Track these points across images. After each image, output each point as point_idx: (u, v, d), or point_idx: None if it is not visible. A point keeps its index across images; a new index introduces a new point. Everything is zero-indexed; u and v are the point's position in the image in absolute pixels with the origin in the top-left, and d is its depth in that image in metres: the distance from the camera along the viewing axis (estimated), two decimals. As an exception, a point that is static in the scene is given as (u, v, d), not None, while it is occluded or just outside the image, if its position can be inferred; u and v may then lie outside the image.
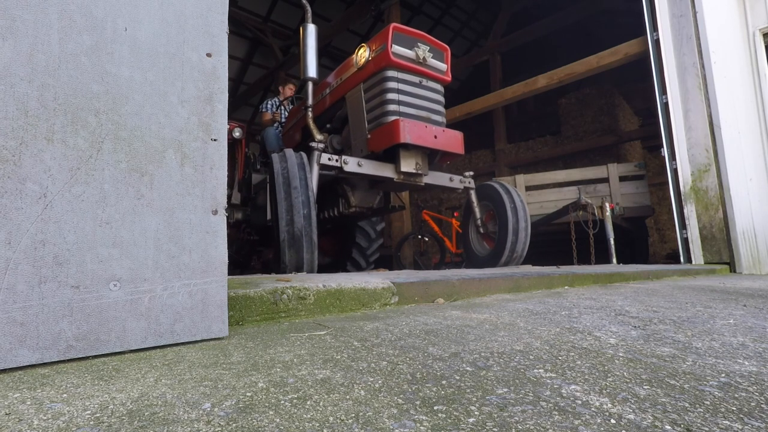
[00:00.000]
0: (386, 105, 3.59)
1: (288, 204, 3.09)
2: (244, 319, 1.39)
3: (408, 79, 3.70)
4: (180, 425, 0.62)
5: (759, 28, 5.58)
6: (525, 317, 1.48)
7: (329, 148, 4.00)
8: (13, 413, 0.67)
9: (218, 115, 1.27)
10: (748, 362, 0.94)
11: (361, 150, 3.82)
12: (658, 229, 9.11)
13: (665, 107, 5.04)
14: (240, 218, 5.13)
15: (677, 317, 1.49)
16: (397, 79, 3.63)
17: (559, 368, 0.89)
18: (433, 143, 3.64)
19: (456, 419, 0.64)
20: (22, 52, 0.98)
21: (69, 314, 0.98)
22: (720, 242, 4.68)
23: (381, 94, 3.63)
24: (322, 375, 0.85)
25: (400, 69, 3.64)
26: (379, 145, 3.62)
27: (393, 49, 3.54)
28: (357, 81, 3.88)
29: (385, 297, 1.77)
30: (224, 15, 1.32)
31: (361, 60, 3.82)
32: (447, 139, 3.76)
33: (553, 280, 2.51)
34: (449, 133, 3.80)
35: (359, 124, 3.85)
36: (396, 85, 3.62)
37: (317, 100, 4.43)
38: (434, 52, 3.84)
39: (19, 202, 0.95)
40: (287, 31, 11.83)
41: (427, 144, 3.60)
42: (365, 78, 3.79)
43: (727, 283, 2.94)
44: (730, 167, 4.73)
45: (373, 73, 3.70)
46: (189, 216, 1.18)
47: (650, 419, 0.64)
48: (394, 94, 3.61)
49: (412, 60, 3.68)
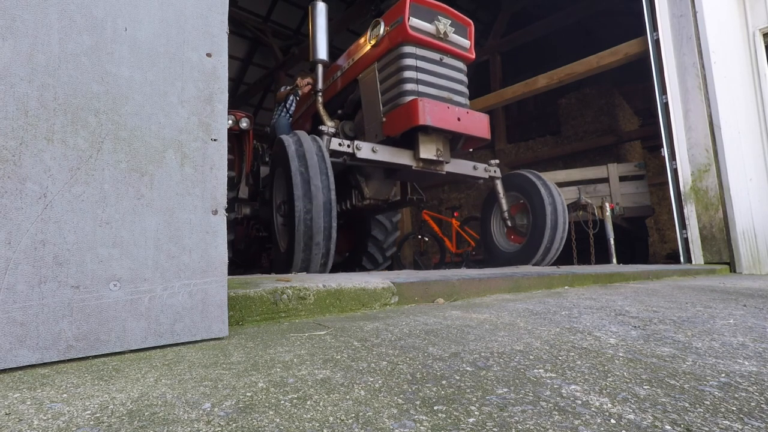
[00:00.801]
0: (403, 84, 3.22)
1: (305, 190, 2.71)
2: (244, 319, 1.39)
3: (427, 56, 3.32)
4: (180, 425, 0.62)
5: (759, 28, 5.58)
6: (525, 317, 1.48)
7: (341, 135, 3.64)
8: (13, 413, 0.67)
9: (218, 115, 1.27)
10: (748, 362, 0.94)
11: (375, 135, 3.44)
12: (658, 229, 9.11)
13: (665, 107, 5.04)
14: (248, 214, 4.72)
15: (677, 317, 1.49)
16: (415, 56, 3.26)
17: (559, 368, 0.89)
18: (456, 126, 3.25)
19: (456, 419, 0.64)
20: (22, 52, 0.98)
21: (69, 314, 0.98)
22: (720, 242, 4.68)
23: (397, 73, 3.28)
24: (322, 375, 0.85)
25: (418, 44, 3.27)
26: (395, 129, 3.26)
27: (410, 23, 3.18)
28: (371, 60, 3.54)
29: (385, 297, 1.77)
30: (224, 15, 1.32)
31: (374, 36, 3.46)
32: (471, 121, 3.35)
33: (553, 280, 2.50)
34: (474, 115, 3.39)
35: (373, 107, 3.50)
36: (414, 62, 3.25)
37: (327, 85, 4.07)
38: (456, 26, 3.44)
39: (19, 202, 0.95)
40: (287, 31, 11.83)
41: (450, 127, 3.22)
42: (380, 56, 3.44)
43: (727, 283, 2.94)
44: (730, 167, 4.73)
45: (389, 50, 3.35)
46: (189, 216, 1.18)
47: (650, 419, 0.64)
48: (412, 72, 3.24)
49: (432, 35, 3.31)
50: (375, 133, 3.46)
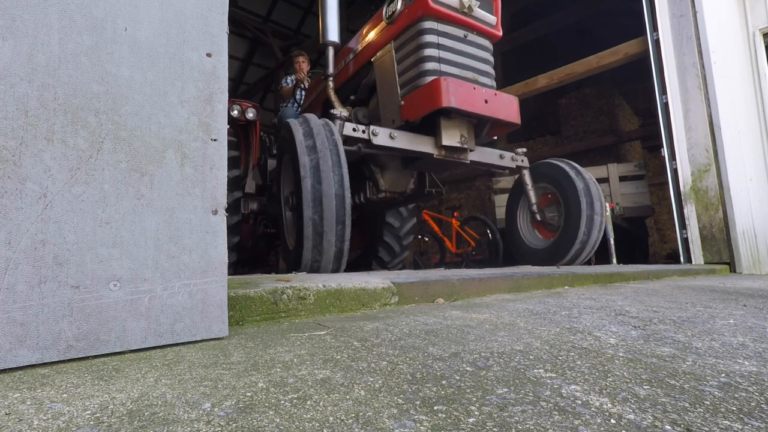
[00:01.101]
0: (424, 63, 2.93)
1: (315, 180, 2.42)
2: (244, 319, 1.39)
3: (450, 32, 3.03)
4: (180, 425, 0.62)
5: (759, 28, 5.58)
6: (525, 317, 1.47)
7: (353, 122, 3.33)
8: (13, 413, 0.67)
9: (218, 115, 1.27)
10: (748, 362, 0.94)
11: (392, 121, 3.15)
12: (658, 229, 9.11)
13: (665, 107, 5.04)
14: (255, 209, 4.37)
15: (677, 317, 1.49)
16: (436, 32, 2.97)
17: (559, 368, 0.89)
18: (483, 109, 2.94)
19: (456, 419, 0.64)
20: (22, 52, 0.98)
21: (69, 314, 0.98)
22: (720, 242, 4.69)
23: (417, 51, 2.99)
24: (322, 375, 0.85)
25: (440, 19, 2.99)
26: (415, 113, 2.96)
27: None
28: (386, 39, 3.25)
29: (385, 297, 1.77)
30: (224, 15, 1.32)
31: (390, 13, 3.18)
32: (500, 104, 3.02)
33: (553, 280, 2.50)
34: (502, 97, 3.07)
35: (390, 91, 3.20)
36: (435, 38, 2.96)
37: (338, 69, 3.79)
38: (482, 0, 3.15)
39: (19, 202, 0.95)
40: (287, 31, 11.84)
41: (476, 110, 2.91)
42: (397, 33, 3.16)
43: (727, 283, 2.94)
44: (730, 167, 4.73)
45: (407, 27, 3.06)
46: (189, 216, 1.18)
47: (650, 419, 0.64)
48: (434, 50, 2.95)
49: (455, 9, 3.01)
50: (392, 118, 3.16)
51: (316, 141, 2.54)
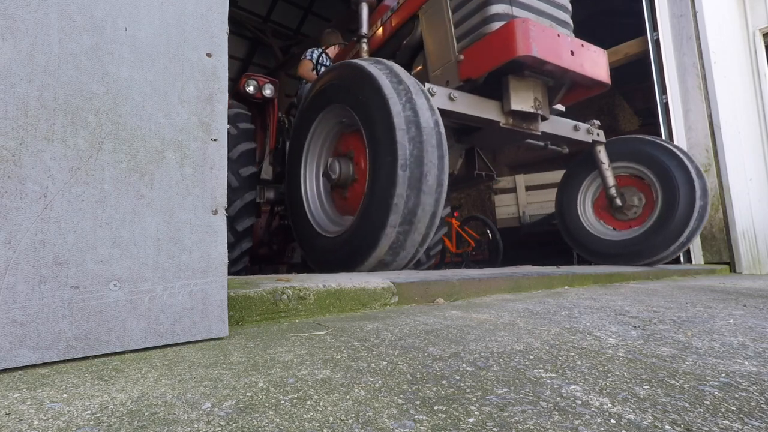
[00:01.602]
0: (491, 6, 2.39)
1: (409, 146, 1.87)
2: (244, 319, 1.39)
3: None
4: (180, 425, 0.62)
5: (759, 28, 5.58)
6: (525, 317, 1.48)
7: None
8: (13, 413, 0.67)
9: (218, 115, 1.27)
10: (748, 362, 0.94)
11: (447, 82, 2.57)
12: (658, 229, 9.10)
13: (665, 107, 5.04)
14: (272, 198, 3.80)
15: (677, 317, 1.49)
16: None
17: (559, 368, 0.89)
18: (570, 63, 2.34)
19: (456, 419, 0.64)
20: (22, 52, 0.98)
21: (69, 314, 0.98)
22: (720, 242, 4.69)
23: None
24: (322, 375, 0.85)
25: None
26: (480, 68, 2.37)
27: None
28: None
29: (385, 297, 1.77)
30: (224, 15, 1.32)
31: None
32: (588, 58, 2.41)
33: (553, 280, 2.51)
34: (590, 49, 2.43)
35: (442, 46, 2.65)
36: None
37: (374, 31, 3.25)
38: None
39: (19, 202, 0.95)
40: (287, 31, 11.83)
41: (563, 63, 2.31)
42: None
43: (727, 283, 2.94)
44: (730, 167, 4.74)
45: None
46: (189, 216, 1.18)
47: (650, 419, 0.64)
48: None
49: None
50: (446, 79, 2.59)
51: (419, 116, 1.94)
